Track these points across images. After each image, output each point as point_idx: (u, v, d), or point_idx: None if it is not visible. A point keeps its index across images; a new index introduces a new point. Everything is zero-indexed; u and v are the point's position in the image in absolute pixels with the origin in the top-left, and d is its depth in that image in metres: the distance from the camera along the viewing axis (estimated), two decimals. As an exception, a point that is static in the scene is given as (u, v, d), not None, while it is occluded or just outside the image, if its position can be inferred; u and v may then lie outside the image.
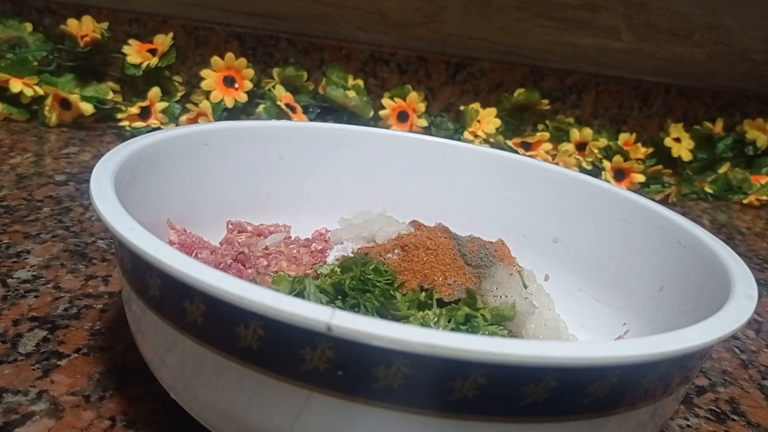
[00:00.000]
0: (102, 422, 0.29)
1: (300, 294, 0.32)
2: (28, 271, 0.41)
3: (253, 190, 0.45)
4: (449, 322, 0.31)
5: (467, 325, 0.31)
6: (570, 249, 0.43)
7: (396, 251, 0.36)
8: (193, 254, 0.38)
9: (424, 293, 0.33)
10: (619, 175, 0.78)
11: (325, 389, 0.21)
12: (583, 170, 0.79)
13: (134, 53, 0.75)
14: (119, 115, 0.73)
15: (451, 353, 0.19)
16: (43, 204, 0.52)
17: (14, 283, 0.40)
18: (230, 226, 0.44)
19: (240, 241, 0.42)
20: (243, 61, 0.77)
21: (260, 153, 0.44)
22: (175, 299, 0.23)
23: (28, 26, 0.77)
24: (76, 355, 0.33)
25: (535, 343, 0.20)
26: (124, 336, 0.36)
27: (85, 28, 0.75)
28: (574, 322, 0.40)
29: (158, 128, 0.73)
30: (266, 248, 0.41)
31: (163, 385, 0.28)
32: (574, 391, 0.21)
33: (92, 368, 0.33)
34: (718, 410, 0.37)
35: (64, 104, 0.72)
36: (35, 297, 0.38)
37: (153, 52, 0.76)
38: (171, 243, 0.38)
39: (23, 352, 0.33)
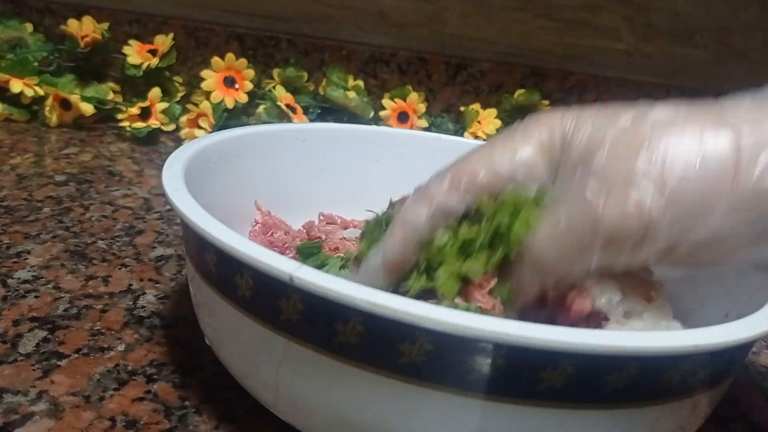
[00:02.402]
0: (102, 423, 0.29)
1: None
2: (29, 271, 0.41)
3: (346, 188, 0.47)
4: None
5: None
6: None
7: None
8: (269, 233, 0.42)
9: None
10: (620, 176, 0.78)
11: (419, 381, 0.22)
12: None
13: (135, 54, 0.75)
14: (119, 116, 0.73)
15: (540, 344, 0.21)
16: (44, 204, 0.52)
17: (14, 283, 0.40)
18: (321, 217, 0.47)
19: (319, 227, 0.44)
20: (243, 61, 0.76)
21: (356, 154, 0.47)
22: (269, 298, 0.24)
23: (29, 27, 0.77)
24: (76, 355, 0.33)
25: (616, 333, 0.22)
26: (124, 336, 0.36)
27: (85, 29, 0.75)
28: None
29: (158, 129, 0.73)
30: (343, 238, 0.43)
31: (249, 390, 0.29)
32: (648, 377, 0.23)
33: (92, 368, 0.33)
34: (718, 411, 0.37)
35: (65, 105, 0.72)
36: (35, 297, 0.38)
37: (153, 52, 0.76)
38: (255, 222, 0.42)
39: (23, 353, 0.33)
